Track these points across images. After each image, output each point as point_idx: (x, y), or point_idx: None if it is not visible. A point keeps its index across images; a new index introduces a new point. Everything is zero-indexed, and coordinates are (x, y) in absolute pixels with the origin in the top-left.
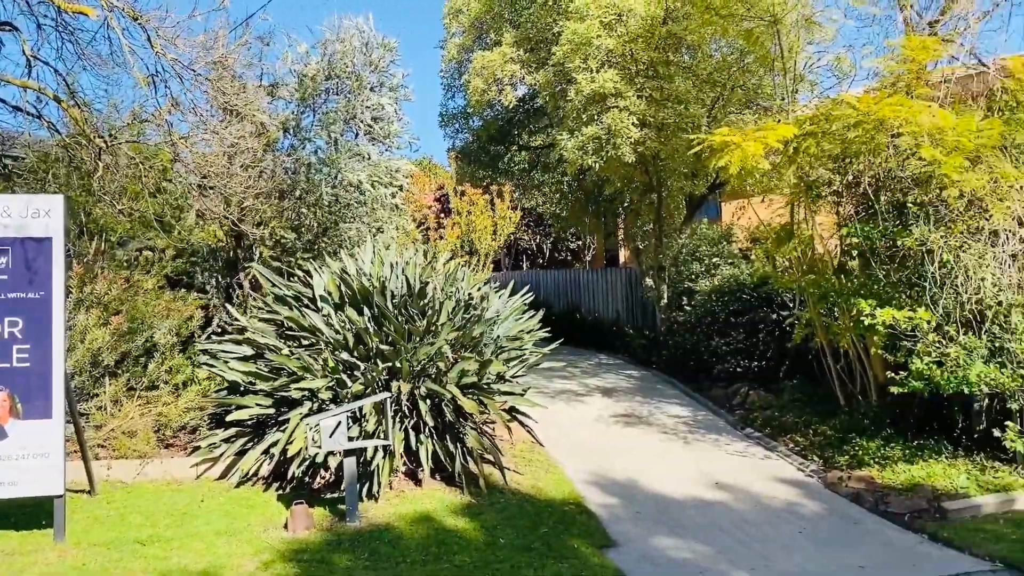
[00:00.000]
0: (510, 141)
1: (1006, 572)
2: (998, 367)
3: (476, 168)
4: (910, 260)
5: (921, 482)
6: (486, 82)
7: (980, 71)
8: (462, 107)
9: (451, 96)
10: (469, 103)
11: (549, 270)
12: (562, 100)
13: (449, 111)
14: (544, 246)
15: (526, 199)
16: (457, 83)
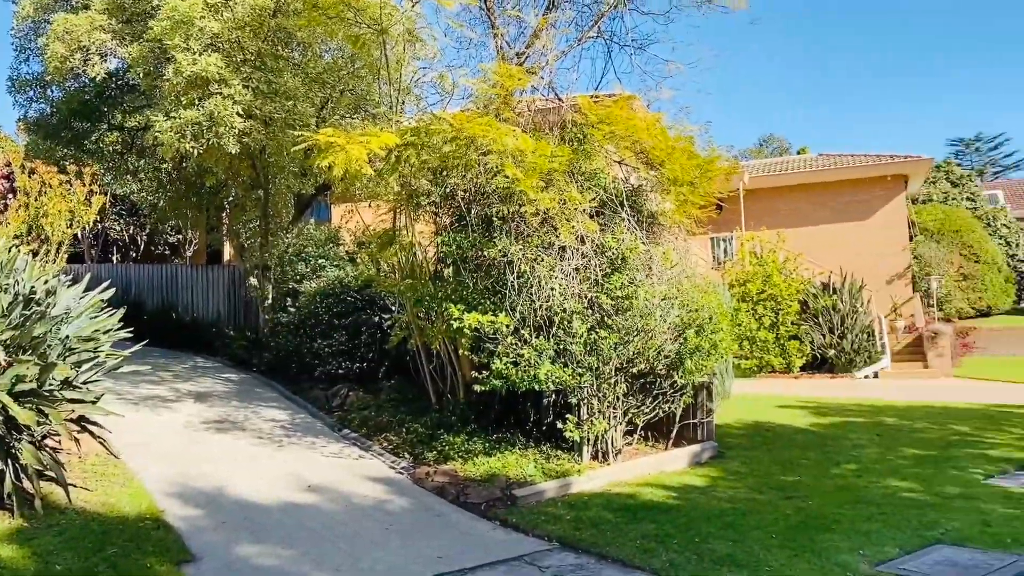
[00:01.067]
0: (99, 118)
1: (560, 550)
2: (562, 366)
3: (56, 145)
4: (495, 269)
5: (497, 473)
6: (69, 48)
7: (556, 104)
8: (38, 73)
9: (25, 59)
10: (47, 70)
11: (143, 264)
12: (160, 79)
13: (22, 76)
14: (139, 238)
15: (118, 185)
16: (33, 45)
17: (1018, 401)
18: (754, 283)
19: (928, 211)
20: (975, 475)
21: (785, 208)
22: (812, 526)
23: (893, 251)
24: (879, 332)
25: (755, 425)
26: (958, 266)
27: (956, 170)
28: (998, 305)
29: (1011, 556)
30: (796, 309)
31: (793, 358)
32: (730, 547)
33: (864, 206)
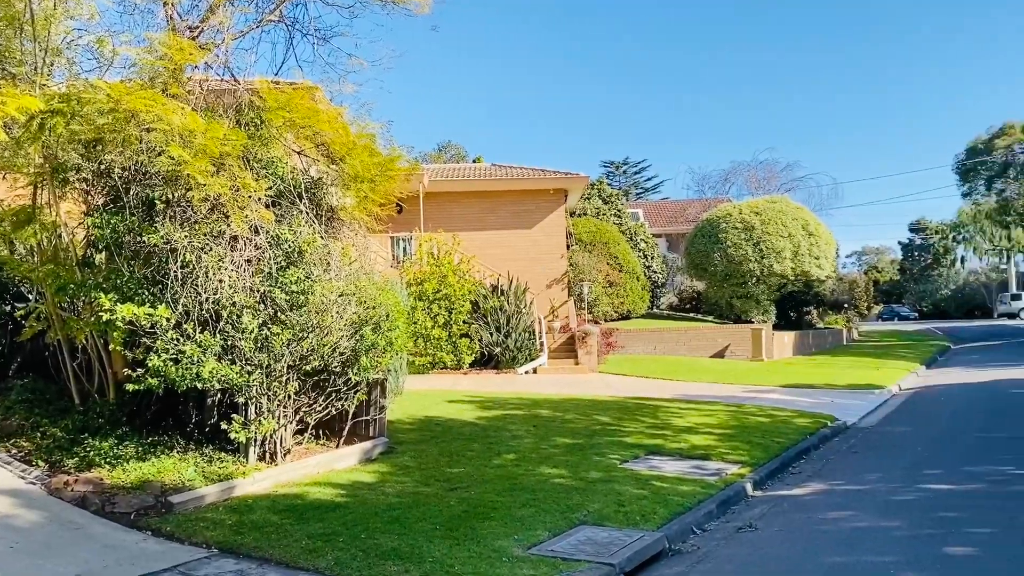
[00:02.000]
0: None
1: (219, 556)
2: (229, 364)
3: None
4: (156, 257)
5: (151, 479)
6: None
7: (232, 86)
8: None
9: None
10: None
11: None
12: None
13: None
14: None
15: None
16: None
17: (649, 393)
18: (430, 283)
19: (583, 224)
20: (613, 460)
21: (461, 213)
22: (473, 515)
23: (553, 258)
24: (539, 332)
25: (426, 420)
26: (606, 274)
27: (607, 189)
28: (636, 309)
29: (639, 532)
30: (468, 309)
31: (464, 355)
32: (396, 541)
33: (530, 216)
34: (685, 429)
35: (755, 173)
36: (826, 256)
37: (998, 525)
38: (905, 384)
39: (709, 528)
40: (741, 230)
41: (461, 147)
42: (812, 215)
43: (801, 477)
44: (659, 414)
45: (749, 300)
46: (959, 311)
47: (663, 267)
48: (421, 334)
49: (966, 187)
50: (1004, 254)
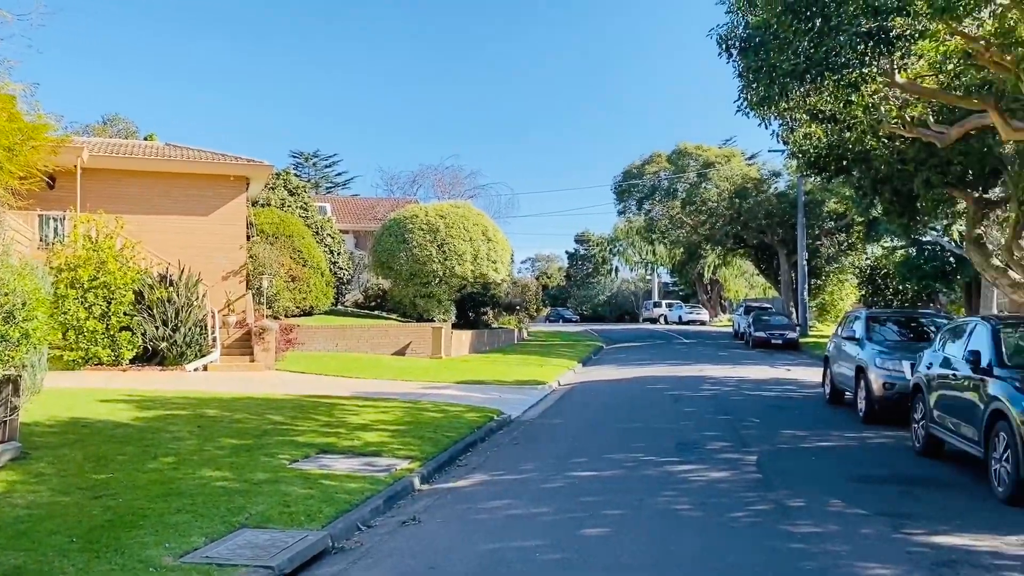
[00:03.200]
0: None
1: None
2: None
3: None
4: None
5: None
6: None
7: None
8: None
9: None
10: None
11: None
12: None
13: None
14: None
15: None
16: None
17: (327, 391)
18: (86, 269)
19: (266, 214)
20: (283, 460)
21: (129, 193)
22: (119, 524)
23: (231, 248)
24: (212, 326)
25: (71, 421)
26: (289, 268)
27: (294, 180)
28: (319, 305)
29: (303, 532)
30: (131, 299)
31: (123, 350)
32: (21, 558)
33: (208, 202)
34: (360, 426)
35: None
36: (503, 261)
37: (629, 507)
38: (564, 380)
39: (375, 524)
40: (427, 231)
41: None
42: (491, 221)
43: (467, 469)
44: (335, 412)
45: (432, 300)
46: (613, 315)
47: (350, 264)
48: (72, 326)
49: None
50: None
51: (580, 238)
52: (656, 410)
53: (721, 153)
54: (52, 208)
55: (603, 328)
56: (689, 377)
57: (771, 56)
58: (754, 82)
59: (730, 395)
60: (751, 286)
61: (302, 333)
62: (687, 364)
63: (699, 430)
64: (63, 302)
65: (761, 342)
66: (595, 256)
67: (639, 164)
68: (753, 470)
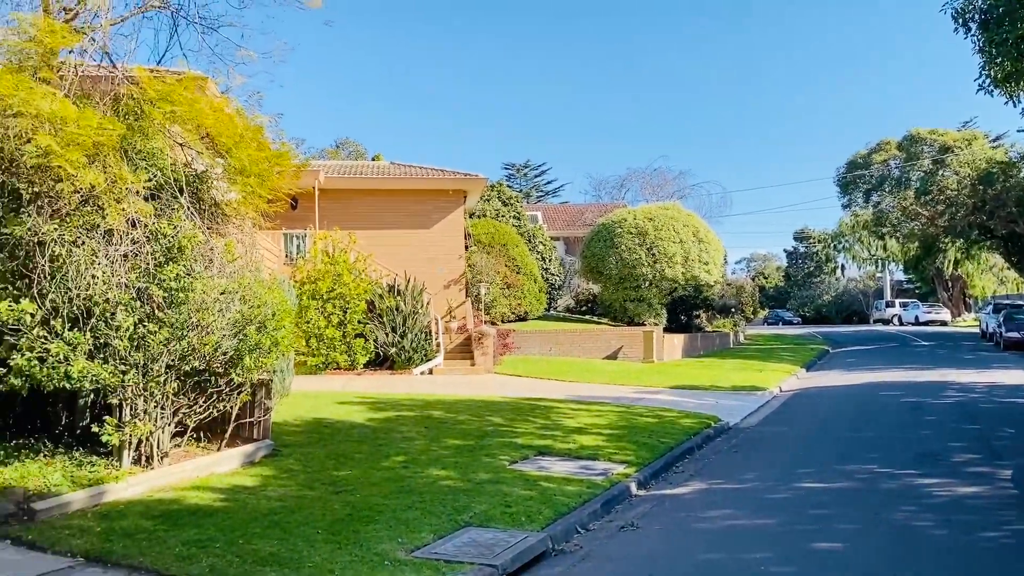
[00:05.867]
0: None
1: (85, 566)
2: (101, 363)
3: None
4: (22, 250)
5: (13, 484)
6: None
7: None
8: None
9: None
10: None
11: None
12: None
13: None
14: None
15: None
16: None
17: (543, 394)
18: (325, 281)
19: (482, 225)
20: (503, 461)
21: (358, 210)
22: (357, 518)
23: (451, 258)
24: (436, 332)
25: (314, 422)
26: (504, 275)
27: (507, 191)
28: (533, 311)
29: (524, 532)
30: (363, 308)
31: (358, 355)
32: (275, 546)
33: (429, 215)
34: (575, 430)
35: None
36: (715, 262)
37: (863, 521)
38: (786, 386)
39: (593, 528)
40: (635, 235)
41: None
42: (702, 222)
43: (684, 476)
44: (551, 415)
45: (642, 303)
46: (839, 316)
47: (560, 269)
48: (314, 334)
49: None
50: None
51: (800, 235)
52: (891, 418)
53: (960, 136)
54: (294, 227)
55: (828, 330)
56: (929, 383)
57: (1018, 27)
58: (998, 56)
59: (978, 402)
60: (1001, 281)
61: (517, 338)
62: (926, 368)
63: (942, 440)
64: (305, 312)
65: (1015, 343)
66: (817, 254)
67: (865, 153)
68: (1008, 485)
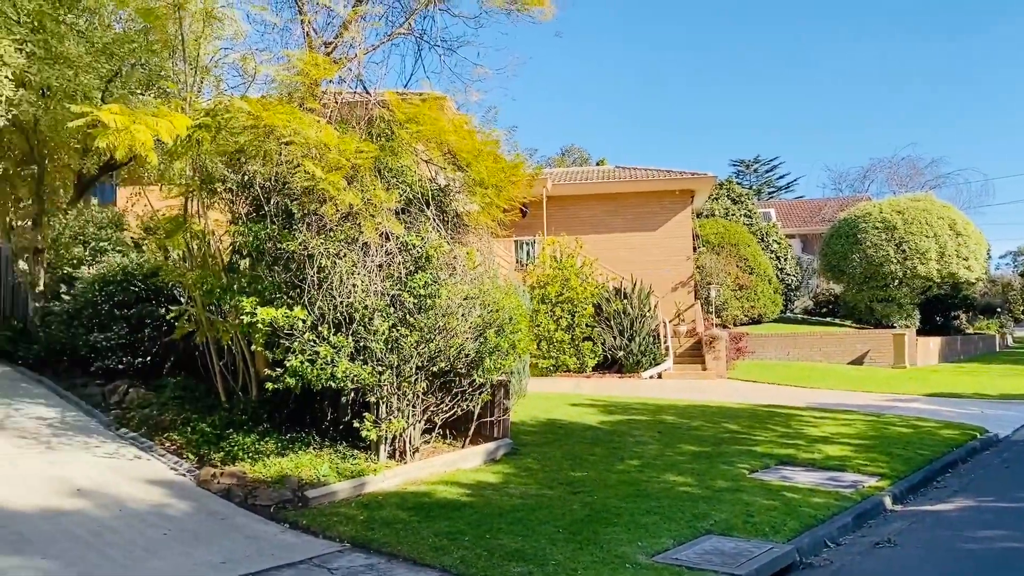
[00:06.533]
0: None
1: (351, 551)
2: (361, 364)
3: None
4: (294, 263)
5: (289, 473)
6: None
7: (364, 98)
8: None
9: None
10: None
11: None
12: None
13: None
14: None
15: None
16: None
17: (781, 401)
18: (553, 286)
19: (710, 225)
20: (742, 469)
21: (584, 215)
22: (596, 520)
23: (678, 260)
24: (664, 335)
25: (548, 423)
26: (735, 276)
27: (736, 188)
28: (767, 313)
29: (768, 543)
30: (591, 312)
31: (586, 358)
32: (519, 542)
33: (655, 217)
34: (819, 439)
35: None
36: (975, 257)
37: None
38: None
39: (843, 542)
40: (882, 230)
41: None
42: (960, 213)
43: (946, 492)
44: (791, 423)
45: (890, 304)
46: None
47: (797, 269)
48: (544, 337)
49: None
50: None
51: None
52: None
53: None
54: (524, 234)
55: None
56: None
57: None
58: None
59: None
60: None
61: (751, 341)
62: None
63: None
64: (536, 316)
65: None
66: None
67: None
68: None
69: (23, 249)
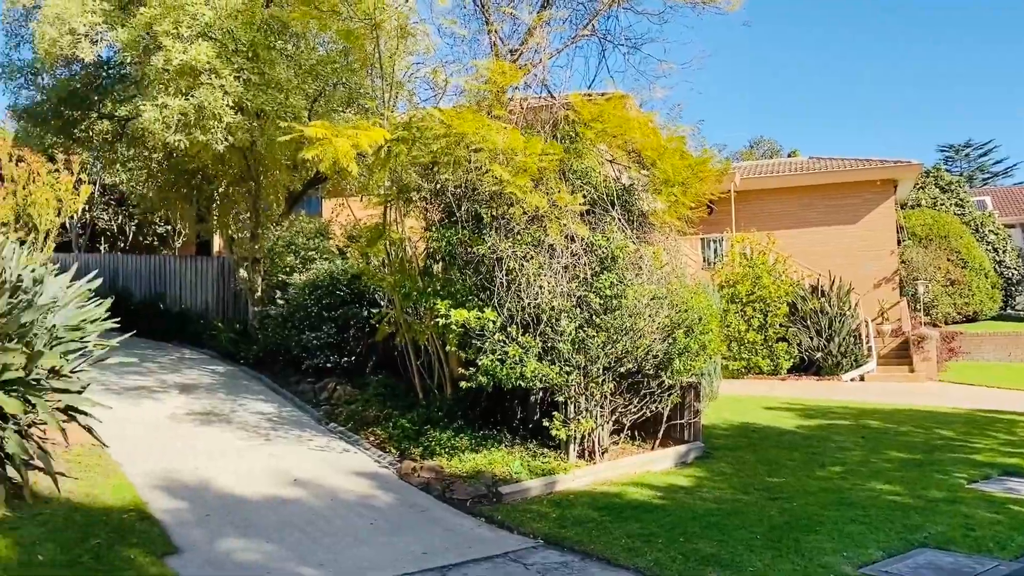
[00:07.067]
0: (90, 106)
1: (545, 547)
2: (549, 364)
3: (44, 132)
4: (484, 266)
5: (483, 469)
6: (59, 32)
7: (549, 102)
8: (29, 61)
9: (15, 46)
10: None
11: (131, 255)
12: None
13: (12, 63)
14: (127, 228)
15: (108, 174)
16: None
17: (1003, 406)
18: (743, 284)
19: (916, 216)
20: (959, 479)
21: (775, 210)
22: (796, 527)
23: (880, 255)
24: (866, 335)
25: (742, 426)
26: (945, 271)
27: (945, 176)
28: (984, 311)
29: (993, 560)
30: (784, 311)
31: (781, 360)
32: (715, 547)
33: (853, 210)
34: None
35: None
36: None
37: None
38: None
39: None
40: None
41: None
42: None
43: None
44: (1016, 430)
45: None
46: None
47: (1018, 262)
48: (734, 338)
49: None
50: None
51: None
52: None
53: None
54: (710, 231)
55: None
56: None
57: None
58: None
59: None
60: None
61: (965, 341)
62: None
63: None
64: (725, 316)
65: None
66: None
67: None
68: None
69: (243, 259)
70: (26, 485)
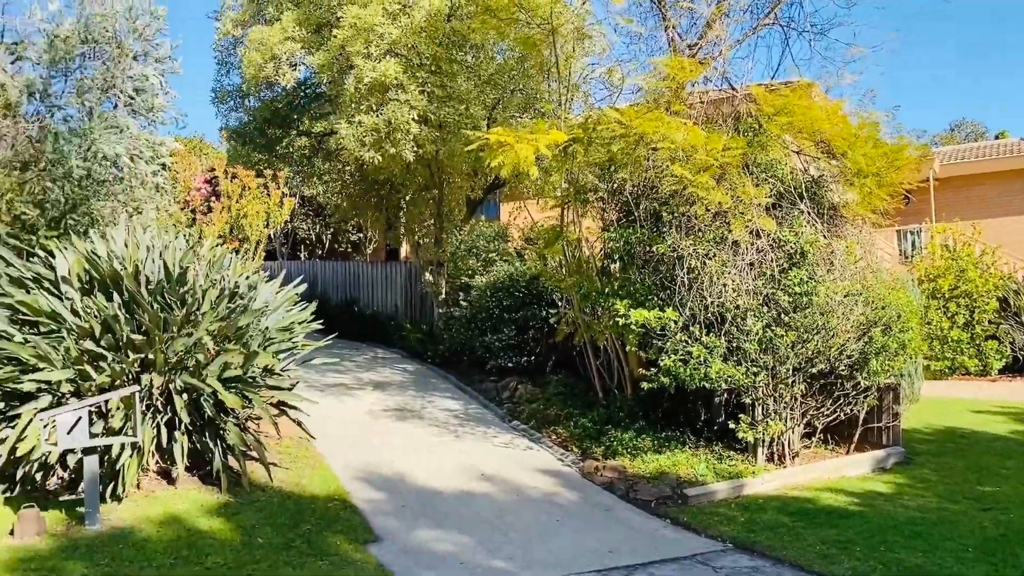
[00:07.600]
0: (289, 125)
1: (734, 551)
2: (735, 364)
3: (251, 150)
4: (663, 265)
5: (667, 471)
6: (263, 58)
7: (730, 95)
8: (237, 85)
9: (226, 72)
10: (244, 80)
11: (328, 261)
12: (342, 86)
13: (223, 88)
14: (324, 236)
15: (306, 187)
16: (232, 59)
17: None
18: (946, 279)
19: None
20: None
21: (981, 197)
22: (1014, 540)
23: None
24: None
25: (946, 430)
26: None
27: None
28: None
29: None
30: (994, 307)
31: (990, 359)
32: (919, 558)
33: None
34: None
35: None
36: None
37: None
38: None
39: None
40: None
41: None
42: None
43: None
44: None
45: None
46: None
47: None
48: (936, 336)
49: None
50: None
51: None
52: None
53: None
54: (907, 222)
55: None
56: None
57: None
58: None
59: None
60: None
61: None
62: None
63: None
64: (925, 313)
65: None
66: None
67: None
68: None
69: (428, 263)
70: (244, 474)
